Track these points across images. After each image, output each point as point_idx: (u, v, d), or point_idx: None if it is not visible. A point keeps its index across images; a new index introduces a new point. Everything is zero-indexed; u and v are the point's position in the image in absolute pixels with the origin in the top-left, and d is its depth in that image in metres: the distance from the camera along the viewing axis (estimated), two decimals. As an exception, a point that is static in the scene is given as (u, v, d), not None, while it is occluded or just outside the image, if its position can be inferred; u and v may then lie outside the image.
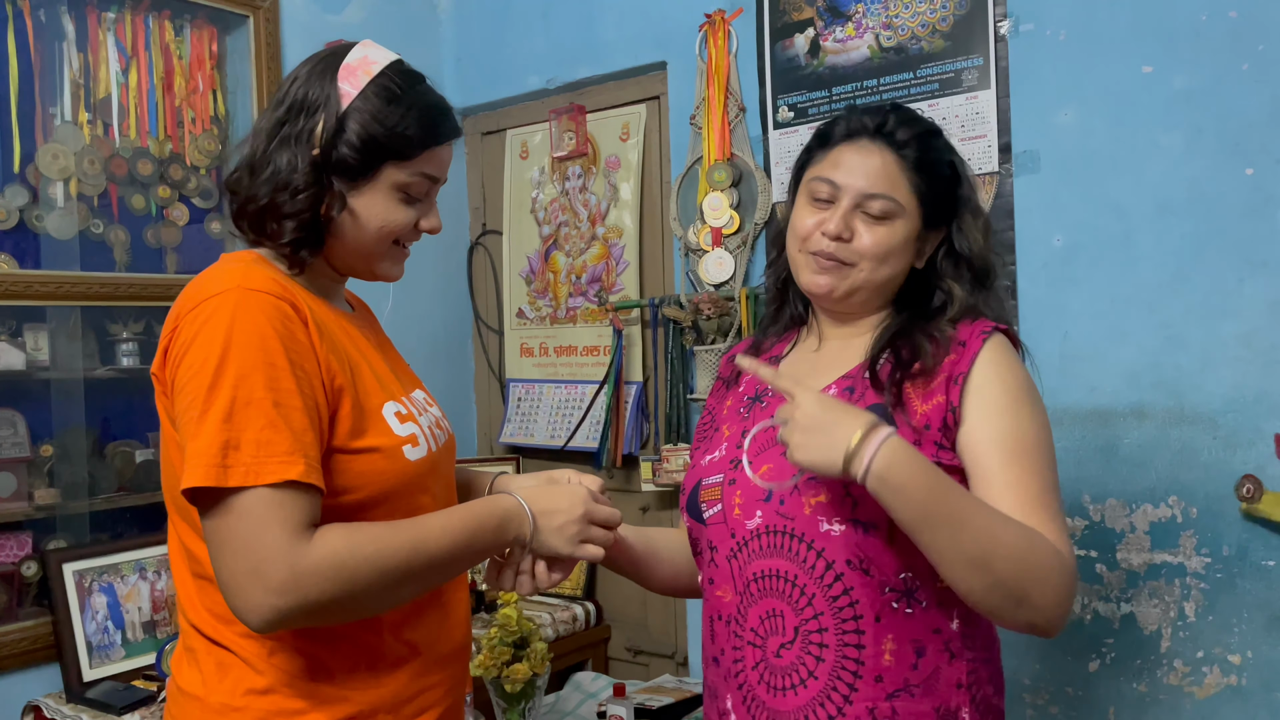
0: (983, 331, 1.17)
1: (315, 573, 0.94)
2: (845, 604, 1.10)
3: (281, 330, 1.00)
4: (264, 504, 0.95)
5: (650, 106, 2.62)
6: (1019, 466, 1.10)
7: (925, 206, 1.19)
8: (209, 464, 0.94)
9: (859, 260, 1.18)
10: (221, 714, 1.05)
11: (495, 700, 2.04)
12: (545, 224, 2.83)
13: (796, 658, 1.12)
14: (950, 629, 1.12)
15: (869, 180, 1.17)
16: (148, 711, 1.92)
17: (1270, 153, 1.72)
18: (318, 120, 1.09)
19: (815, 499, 1.12)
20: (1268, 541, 1.72)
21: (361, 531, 0.99)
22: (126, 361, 2.26)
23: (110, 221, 2.27)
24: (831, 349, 1.26)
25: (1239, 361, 1.75)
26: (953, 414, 1.13)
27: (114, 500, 2.22)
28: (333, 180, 1.10)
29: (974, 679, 1.14)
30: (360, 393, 1.09)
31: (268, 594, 0.93)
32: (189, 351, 0.99)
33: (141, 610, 2.15)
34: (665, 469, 2.46)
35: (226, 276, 1.03)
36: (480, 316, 3.04)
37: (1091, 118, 1.89)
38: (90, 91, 2.25)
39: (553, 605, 2.62)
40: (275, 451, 0.96)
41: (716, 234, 2.39)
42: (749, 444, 1.21)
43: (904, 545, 1.08)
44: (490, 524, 1.10)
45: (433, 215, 1.17)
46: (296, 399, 0.99)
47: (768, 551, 1.15)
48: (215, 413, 0.96)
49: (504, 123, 2.93)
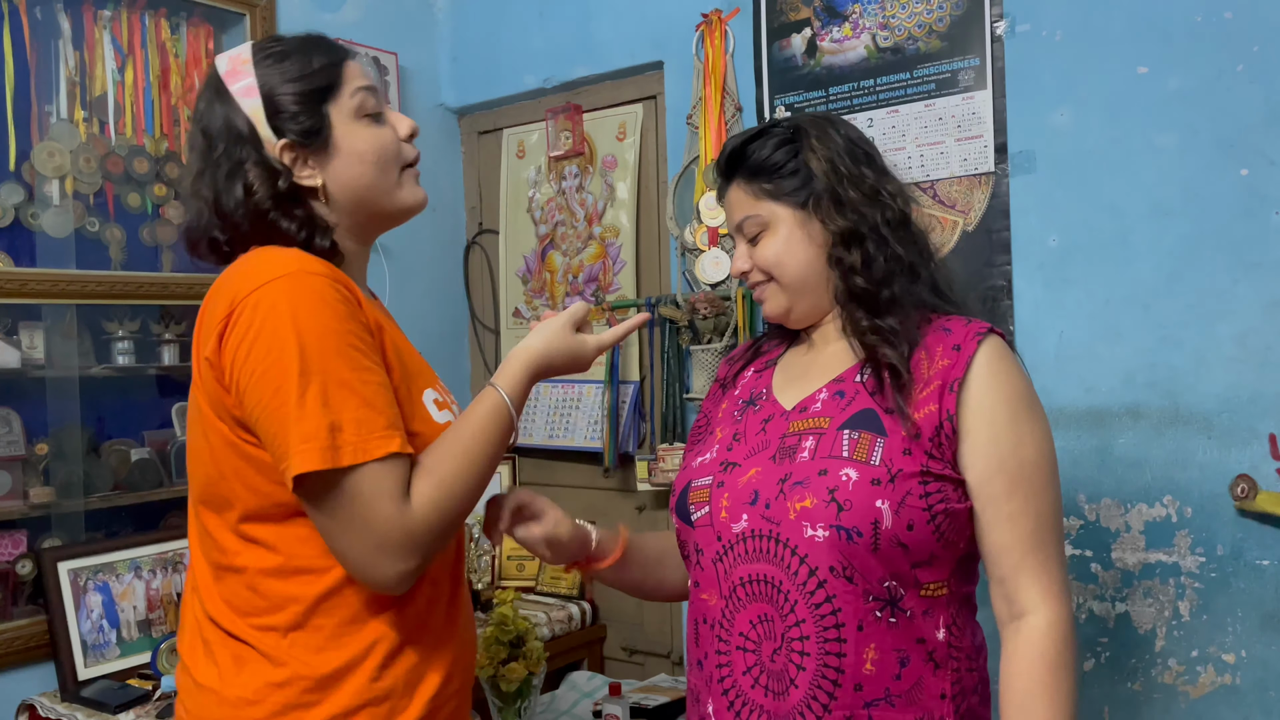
0: (977, 333, 1.16)
1: (426, 529, 1.01)
2: (827, 611, 1.09)
3: (346, 311, 1.03)
4: (373, 480, 0.99)
5: (647, 106, 2.62)
6: (1021, 496, 1.11)
7: (783, 199, 1.22)
8: (320, 447, 0.97)
9: (770, 273, 1.24)
10: (238, 707, 1.05)
11: (491, 699, 2.04)
12: (542, 223, 2.83)
13: (784, 664, 1.11)
14: (935, 639, 1.11)
15: (736, 212, 1.26)
16: (143, 710, 1.91)
17: (1264, 154, 1.73)
18: (240, 134, 1.11)
19: (800, 504, 1.11)
20: (1262, 541, 1.72)
21: (435, 470, 1.04)
22: (122, 360, 2.26)
23: (106, 220, 2.26)
24: (823, 352, 1.26)
25: (1233, 362, 1.76)
26: (950, 423, 1.12)
27: (110, 499, 2.21)
28: (308, 161, 1.12)
29: (958, 689, 1.13)
30: (404, 376, 1.12)
31: (396, 561, 1.00)
32: (259, 340, 1.00)
33: (137, 609, 2.14)
34: (661, 468, 2.47)
35: (280, 262, 1.04)
36: (476, 316, 3.03)
37: (1087, 118, 1.90)
38: (86, 89, 2.24)
39: (548, 604, 2.62)
40: (375, 428, 1.00)
41: (713, 233, 2.40)
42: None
43: (888, 553, 1.08)
44: (517, 383, 1.15)
45: (402, 121, 1.20)
46: (377, 374, 1.03)
47: (753, 556, 1.14)
48: (312, 398, 0.97)
49: (500, 122, 2.93)
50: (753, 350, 1.38)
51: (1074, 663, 1.13)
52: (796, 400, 1.22)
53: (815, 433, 1.16)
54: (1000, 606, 1.15)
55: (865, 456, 1.10)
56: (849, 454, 1.11)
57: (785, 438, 1.18)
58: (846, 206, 1.20)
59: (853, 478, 1.09)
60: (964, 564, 1.16)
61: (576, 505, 2.77)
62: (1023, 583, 1.12)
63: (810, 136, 1.23)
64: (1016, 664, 1.12)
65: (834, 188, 1.20)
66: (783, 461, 1.16)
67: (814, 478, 1.11)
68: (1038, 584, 1.12)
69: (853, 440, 1.12)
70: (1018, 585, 1.13)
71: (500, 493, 1.25)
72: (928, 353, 1.16)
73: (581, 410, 2.72)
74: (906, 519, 1.08)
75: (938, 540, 1.10)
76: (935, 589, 1.12)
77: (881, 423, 1.12)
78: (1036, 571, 1.12)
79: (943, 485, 1.11)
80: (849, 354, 1.22)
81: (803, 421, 1.18)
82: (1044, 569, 1.12)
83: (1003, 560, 1.13)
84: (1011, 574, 1.13)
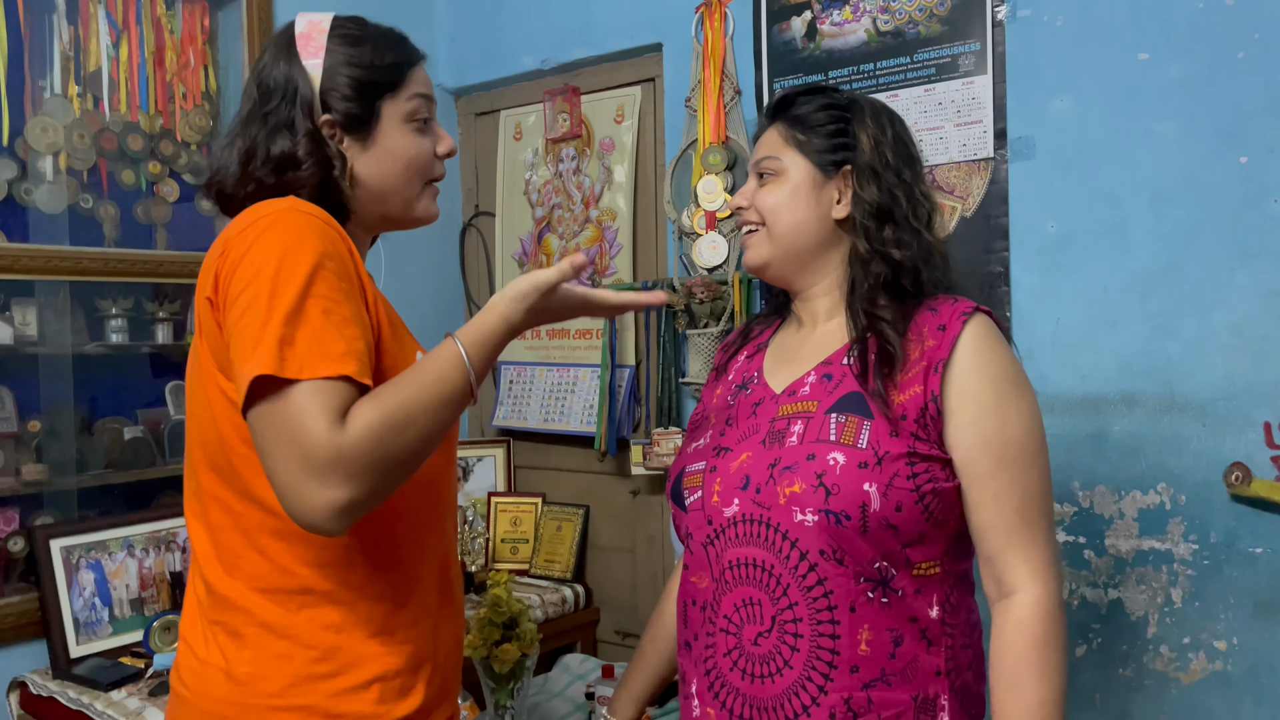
0: (963, 313, 1.16)
1: (358, 454, 0.93)
2: (820, 594, 1.10)
3: (331, 248, 1.02)
4: (310, 395, 0.94)
5: (645, 89, 2.61)
6: (1006, 475, 1.11)
7: (810, 155, 1.23)
8: (269, 355, 0.95)
9: (763, 218, 1.24)
10: (248, 683, 1.05)
11: (484, 680, 2.04)
12: (538, 206, 2.82)
13: (774, 646, 1.12)
14: (928, 617, 1.12)
15: (760, 152, 1.28)
16: (135, 688, 1.91)
17: (1264, 142, 1.73)
18: (300, 96, 1.12)
19: (790, 489, 1.11)
20: (1255, 528, 1.73)
21: (379, 398, 0.97)
22: (116, 338, 2.25)
23: (100, 196, 2.25)
24: (813, 334, 1.26)
25: (1230, 350, 1.76)
26: (934, 403, 1.12)
27: (103, 477, 2.21)
28: (343, 141, 1.14)
29: (953, 666, 1.14)
30: (398, 336, 1.12)
31: (322, 486, 0.92)
32: (242, 264, 1.00)
33: (130, 587, 2.14)
34: (656, 453, 2.46)
35: (276, 201, 1.06)
36: (472, 298, 3.02)
37: (1087, 105, 1.89)
38: (80, 65, 2.22)
39: (542, 587, 2.62)
40: (331, 351, 0.97)
41: (710, 218, 2.39)
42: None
43: (877, 535, 1.09)
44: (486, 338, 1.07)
45: (445, 139, 1.22)
46: (347, 310, 1.01)
47: (743, 540, 1.15)
48: (276, 316, 0.96)
49: (498, 104, 2.92)
50: (743, 335, 1.39)
51: (1063, 640, 1.13)
52: (786, 384, 1.23)
53: (804, 416, 1.16)
54: (989, 585, 1.16)
55: (852, 440, 1.11)
56: (836, 438, 1.12)
57: (775, 421, 1.19)
58: (884, 185, 1.21)
59: (840, 461, 1.10)
60: (957, 542, 1.17)
61: (571, 489, 2.78)
62: (1010, 561, 1.13)
63: (865, 114, 1.25)
64: (1004, 641, 1.12)
65: (875, 164, 1.22)
66: (772, 446, 1.16)
67: (802, 462, 1.12)
68: (1025, 562, 1.12)
69: (840, 424, 1.13)
70: (1005, 563, 1.13)
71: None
72: (915, 333, 1.16)
73: (577, 394, 2.72)
74: (895, 500, 1.09)
75: (927, 520, 1.11)
76: (927, 568, 1.13)
77: (868, 405, 1.13)
78: (1023, 549, 1.13)
79: (930, 465, 1.11)
80: (838, 335, 1.23)
81: (792, 405, 1.19)
82: (1031, 546, 1.13)
83: (989, 538, 1.14)
84: (998, 552, 1.13)
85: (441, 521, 1.19)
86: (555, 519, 2.76)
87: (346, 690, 1.05)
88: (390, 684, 1.08)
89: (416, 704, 1.10)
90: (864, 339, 1.17)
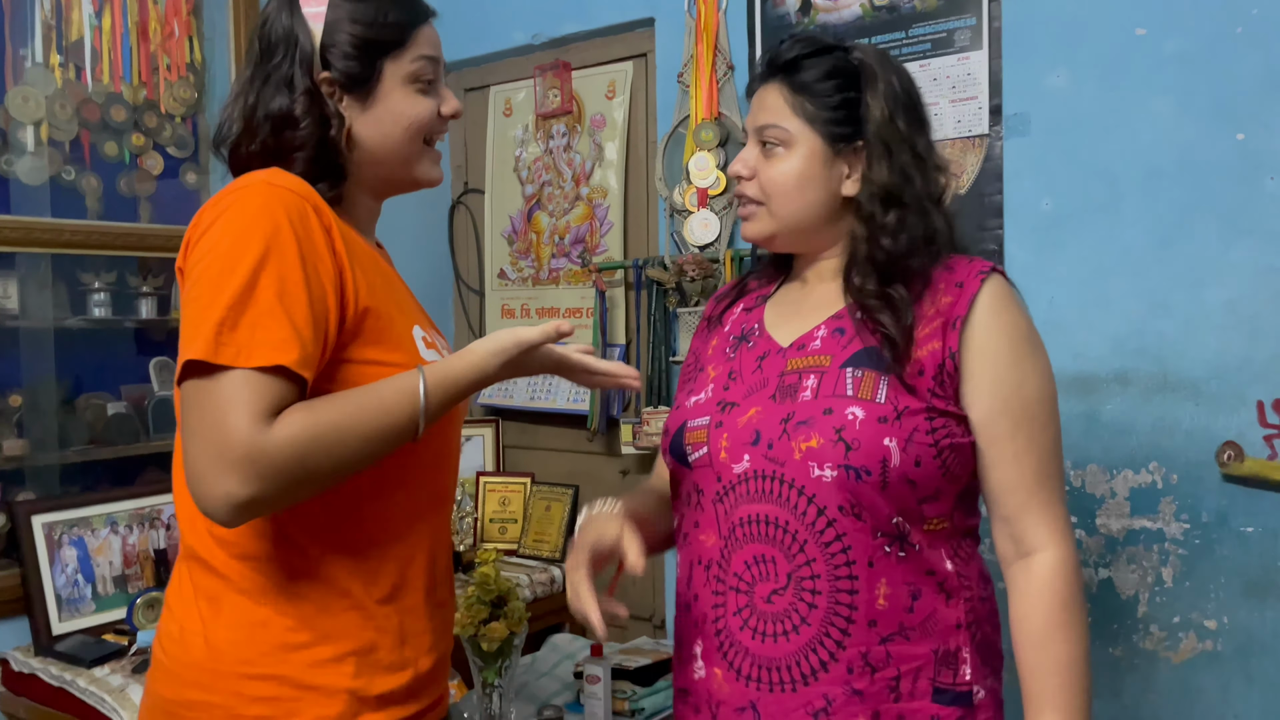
0: (980, 272, 1.14)
1: (273, 460, 0.91)
2: (838, 549, 1.08)
3: (299, 226, 0.99)
4: (239, 386, 0.92)
5: (637, 64, 2.58)
6: (1024, 434, 1.11)
7: (819, 128, 1.15)
8: (205, 337, 0.93)
9: (767, 197, 1.18)
10: (222, 649, 1.03)
11: (472, 659, 2.02)
12: (528, 183, 2.79)
13: (789, 604, 1.10)
14: (944, 569, 1.11)
15: (763, 115, 1.18)
16: (118, 665, 1.89)
17: (1260, 118, 1.71)
18: (300, 51, 1.09)
19: (806, 444, 1.09)
20: (1247, 507, 1.72)
21: (315, 410, 0.96)
22: (99, 312, 2.22)
23: (82, 168, 2.22)
24: (816, 289, 1.23)
25: (1223, 329, 1.75)
26: (952, 360, 1.11)
27: (86, 453, 2.18)
28: (342, 100, 1.10)
29: (973, 618, 1.12)
30: (388, 309, 1.08)
31: (228, 480, 0.91)
32: (204, 238, 0.99)
33: (113, 564, 2.11)
34: (645, 432, 2.45)
35: (253, 175, 1.03)
36: (461, 277, 3.00)
37: (1083, 80, 1.87)
38: (62, 34, 2.18)
39: (530, 567, 2.61)
40: (271, 338, 0.94)
41: (702, 195, 2.37)
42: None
43: (896, 490, 1.07)
44: (454, 377, 1.04)
45: (450, 99, 1.17)
46: (303, 294, 0.97)
47: (755, 496, 1.12)
48: (224, 294, 0.94)
49: (488, 79, 2.88)
50: (739, 288, 1.34)
51: (1084, 600, 1.13)
52: (793, 337, 1.19)
53: (816, 370, 1.13)
54: (1005, 546, 1.15)
55: (870, 394, 1.09)
56: (853, 392, 1.10)
57: (784, 375, 1.16)
58: (895, 164, 1.14)
59: (859, 416, 1.08)
60: (964, 498, 1.16)
61: (560, 469, 2.76)
62: (1030, 521, 1.12)
63: (877, 79, 1.16)
64: (1030, 602, 1.12)
65: (888, 140, 1.14)
66: (784, 401, 1.13)
67: (819, 417, 1.09)
68: (1045, 522, 1.12)
69: (856, 378, 1.11)
70: (1025, 524, 1.12)
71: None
72: (930, 289, 1.14)
73: (566, 373, 2.70)
74: (914, 455, 1.07)
75: (943, 475, 1.10)
76: (938, 523, 1.12)
77: (884, 360, 1.11)
78: (1043, 509, 1.12)
79: (947, 421, 1.10)
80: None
81: (801, 359, 1.16)
82: (1050, 506, 1.13)
83: (1008, 499, 1.13)
84: (1017, 512, 1.13)
85: (437, 501, 1.17)
86: (544, 499, 2.75)
87: (322, 662, 1.03)
88: (368, 659, 1.06)
89: (398, 682, 1.08)
90: (870, 324, 1.14)
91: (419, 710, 1.12)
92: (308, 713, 1.02)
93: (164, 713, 1.06)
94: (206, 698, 1.03)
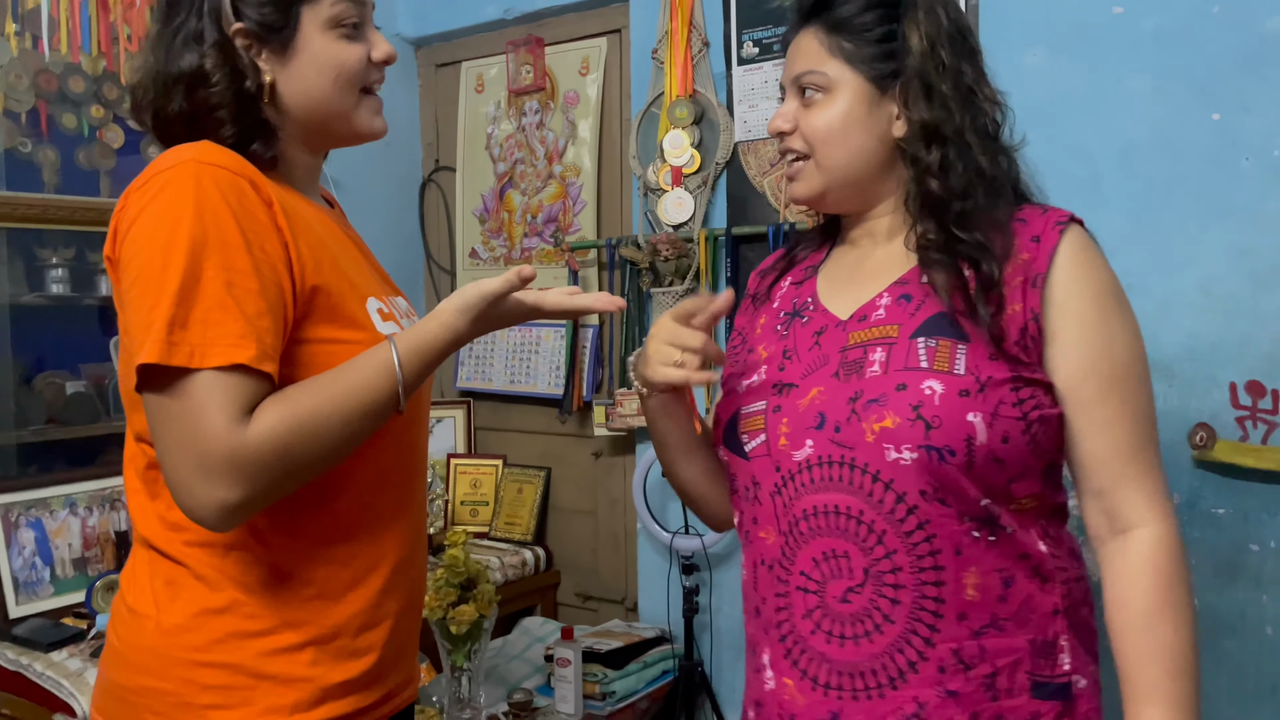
0: (1058, 222, 1.03)
1: (256, 458, 0.89)
2: (920, 539, 0.98)
3: (237, 207, 0.94)
4: (207, 388, 0.88)
5: (611, 40, 2.54)
6: (1117, 398, 1.01)
7: (860, 67, 1.06)
8: (157, 340, 0.88)
9: (811, 148, 1.08)
10: (174, 635, 0.99)
11: (440, 642, 2.00)
12: (500, 161, 2.75)
13: (869, 602, 0.99)
14: (1038, 551, 1.01)
15: (797, 64, 1.09)
16: (76, 649, 1.85)
17: (1238, 98, 1.70)
18: (208, 2, 1.02)
19: (879, 424, 0.98)
20: (1218, 490, 1.72)
21: (291, 400, 0.93)
22: (57, 289, 2.16)
23: (39, 140, 2.15)
24: (872, 254, 1.11)
25: (1197, 310, 1.74)
26: (1035, 322, 1.00)
27: (43, 433, 2.13)
28: (260, 53, 1.04)
29: (1069, 602, 1.02)
30: (339, 284, 1.03)
31: (215, 487, 0.88)
32: (135, 226, 0.93)
33: (72, 547, 2.07)
34: (619, 413, 2.42)
35: (181, 151, 0.97)
36: (432, 256, 2.95)
37: (1059, 59, 1.86)
38: (18, 1, 2.12)
39: (502, 549, 2.58)
40: (226, 333, 0.90)
41: (676, 173, 2.33)
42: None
43: (983, 471, 0.97)
44: (422, 344, 1.00)
45: (381, 43, 1.10)
46: (252, 280, 0.93)
47: (820, 485, 1.01)
48: (167, 289, 0.89)
49: (459, 54, 2.83)
50: (786, 259, 1.21)
51: (1189, 578, 1.02)
52: (853, 308, 1.08)
53: (884, 343, 1.02)
54: (1098, 522, 1.04)
55: (948, 366, 0.98)
56: (928, 364, 0.99)
57: (846, 350, 1.05)
58: (936, 99, 1.04)
59: (938, 390, 0.97)
60: (1051, 472, 1.05)
61: (532, 451, 2.73)
62: (1125, 495, 1.01)
63: (917, 7, 1.05)
64: (1130, 584, 1.01)
65: (927, 73, 1.04)
66: (849, 378, 1.02)
67: (892, 393, 0.99)
68: (1141, 494, 1.01)
69: (930, 348, 1.00)
70: (1120, 498, 1.01)
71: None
72: (1006, 246, 1.03)
73: (541, 355, 2.67)
74: (1001, 431, 0.97)
75: (1033, 451, 1.00)
76: (1028, 502, 1.02)
77: (960, 326, 1.00)
78: (1139, 481, 1.01)
79: (1035, 391, 0.99)
80: (906, 252, 1.08)
81: (865, 331, 1.05)
82: (1146, 476, 1.01)
83: (1100, 471, 1.02)
84: (1111, 486, 1.01)
85: (405, 483, 1.13)
86: (516, 481, 2.72)
87: (278, 650, 1.00)
88: (328, 647, 1.02)
89: (359, 670, 1.05)
90: (936, 257, 1.03)
91: (384, 695, 1.09)
92: (262, 701, 0.99)
93: (115, 698, 1.03)
94: (157, 684, 0.99)
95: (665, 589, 2.41)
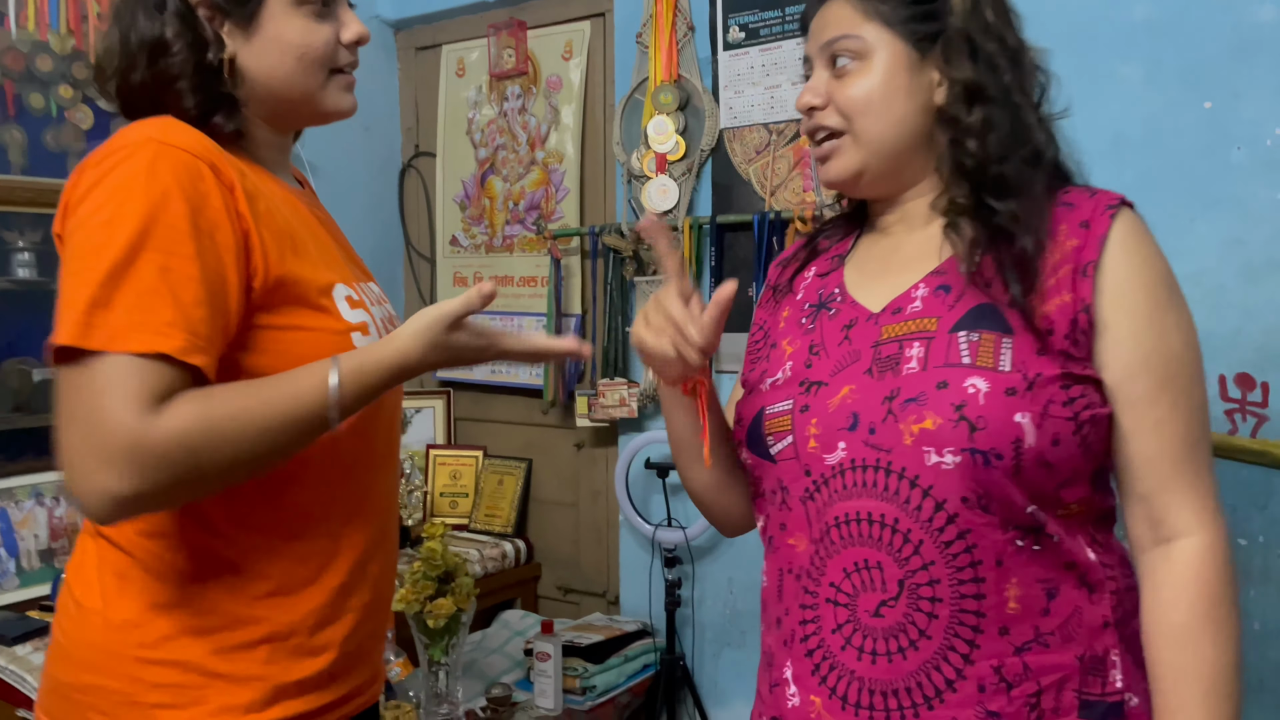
0: (1108, 206, 0.97)
1: (159, 454, 0.83)
2: (960, 549, 0.92)
3: (190, 191, 0.89)
4: (117, 373, 0.83)
5: (595, 24, 2.50)
6: (1169, 398, 0.94)
7: (898, 28, 0.99)
8: (75, 319, 0.84)
9: (848, 120, 1.01)
10: (122, 630, 0.95)
11: (417, 636, 1.96)
12: (482, 147, 2.70)
13: (904, 617, 0.93)
14: (1086, 559, 0.94)
15: (828, 30, 1.01)
16: (41, 643, 1.80)
17: (1229, 87, 1.68)
18: None
19: (918, 425, 0.92)
20: (1206, 483, 1.70)
21: (210, 400, 0.87)
22: (23, 273, 2.10)
23: (6, 121, 2.09)
24: (906, 241, 1.05)
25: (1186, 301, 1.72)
26: (1086, 314, 0.93)
27: (9, 421, 2.07)
28: (223, 25, 1.00)
29: (1121, 614, 0.95)
30: (305, 269, 0.98)
31: (109, 476, 0.82)
32: (83, 203, 0.89)
33: (38, 538, 2.02)
34: (601, 404, 2.39)
35: (142, 128, 0.92)
36: (412, 243, 2.91)
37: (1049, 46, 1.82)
38: (-17, -23, 2.06)
39: (481, 542, 2.55)
40: (153, 321, 0.85)
41: (661, 160, 2.30)
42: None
43: (1031, 475, 0.91)
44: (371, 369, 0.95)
45: (352, 23, 1.06)
46: (193, 267, 0.88)
47: (854, 491, 0.95)
48: (99, 270, 0.85)
49: (439, 38, 2.78)
50: (808, 249, 1.14)
51: (1237, 596, 0.96)
52: (885, 300, 1.01)
53: (922, 337, 0.96)
54: (1141, 529, 0.97)
55: (992, 362, 0.92)
56: (971, 360, 0.92)
57: (880, 345, 0.98)
58: (981, 57, 0.97)
59: (982, 389, 0.91)
60: (1098, 476, 0.99)
61: (514, 442, 2.70)
62: (1173, 501, 0.95)
63: None
64: (1172, 596, 0.94)
65: (970, 32, 0.97)
66: (884, 375, 0.96)
67: (931, 392, 0.92)
68: (1191, 501, 0.94)
69: (973, 343, 0.93)
70: (1167, 504, 0.95)
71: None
72: (1052, 231, 0.97)
73: (520, 343, 2.63)
74: (1051, 433, 0.90)
75: (1084, 454, 0.93)
76: (1076, 508, 0.96)
77: (1005, 318, 0.93)
78: (1189, 486, 0.94)
79: (1086, 389, 0.93)
80: (941, 241, 1.01)
81: (899, 325, 0.98)
82: (1197, 482, 0.95)
83: (1148, 474, 0.95)
84: (1158, 490, 0.95)
85: (368, 475, 1.08)
86: (496, 472, 2.68)
87: (231, 648, 0.96)
88: (283, 645, 0.98)
89: (317, 668, 1.01)
90: (976, 244, 0.97)
91: (346, 693, 1.06)
92: (214, 700, 0.95)
93: (60, 696, 0.99)
94: (102, 682, 0.95)
95: (647, 582, 2.38)
